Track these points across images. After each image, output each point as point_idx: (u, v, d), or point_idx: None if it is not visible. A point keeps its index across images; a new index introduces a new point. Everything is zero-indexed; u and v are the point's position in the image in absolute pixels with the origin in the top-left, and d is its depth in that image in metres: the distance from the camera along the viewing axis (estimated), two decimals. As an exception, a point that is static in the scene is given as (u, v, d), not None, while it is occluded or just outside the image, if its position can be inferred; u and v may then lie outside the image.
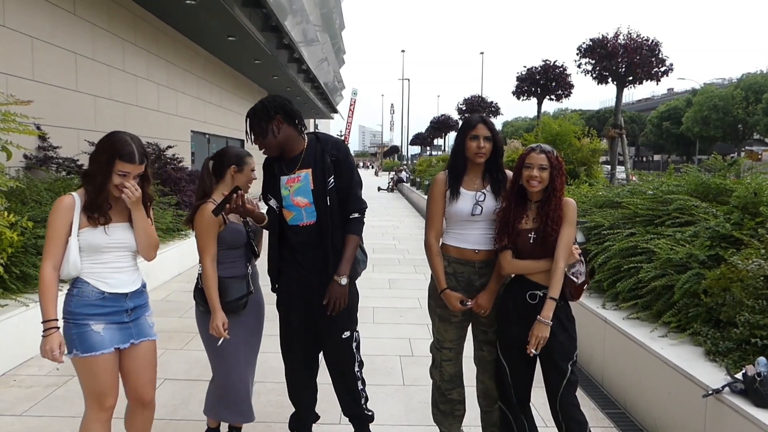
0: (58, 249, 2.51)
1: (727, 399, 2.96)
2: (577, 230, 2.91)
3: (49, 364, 4.68)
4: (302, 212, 2.98)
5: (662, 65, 12.64)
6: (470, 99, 27.91)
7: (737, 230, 4.32)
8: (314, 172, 2.95)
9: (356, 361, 3.14)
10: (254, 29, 13.70)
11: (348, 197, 3.00)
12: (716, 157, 6.28)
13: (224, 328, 2.94)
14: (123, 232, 2.64)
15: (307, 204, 2.96)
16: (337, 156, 2.98)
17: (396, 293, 7.51)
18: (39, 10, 7.97)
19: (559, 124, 10.95)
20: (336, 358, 3.15)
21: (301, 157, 2.99)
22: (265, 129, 2.89)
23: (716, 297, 3.81)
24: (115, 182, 2.52)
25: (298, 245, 3.01)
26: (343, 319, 3.04)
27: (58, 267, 2.53)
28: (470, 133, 2.97)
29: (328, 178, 2.94)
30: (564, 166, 2.92)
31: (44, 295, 2.50)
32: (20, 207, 5.78)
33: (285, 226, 3.04)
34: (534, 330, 2.76)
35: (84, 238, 2.54)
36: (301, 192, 2.97)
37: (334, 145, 3.03)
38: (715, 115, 48.16)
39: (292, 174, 2.98)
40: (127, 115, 10.80)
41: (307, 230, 2.98)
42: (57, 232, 2.51)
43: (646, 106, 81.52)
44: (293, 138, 2.97)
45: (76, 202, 2.57)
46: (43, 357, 2.51)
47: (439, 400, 3.28)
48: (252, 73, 20.20)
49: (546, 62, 17.52)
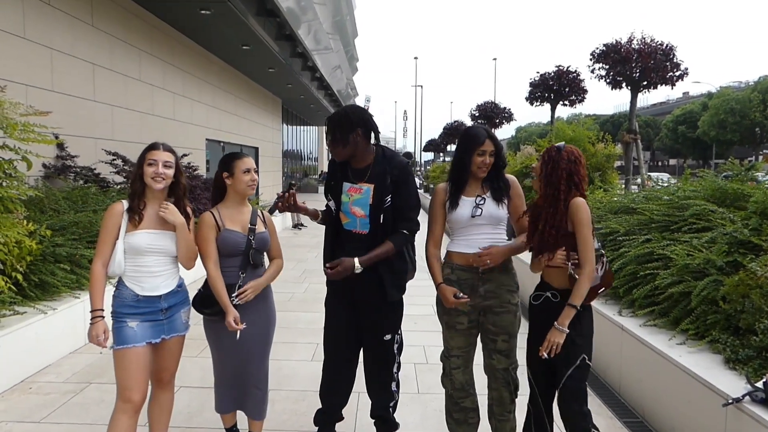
0: (107, 248, 2.84)
1: (748, 408, 2.91)
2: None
3: (68, 369, 4.75)
4: (357, 221, 3.13)
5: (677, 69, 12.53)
6: (483, 105, 27.80)
7: (756, 236, 4.27)
8: (376, 189, 3.08)
9: (396, 362, 3.31)
10: (268, 38, 13.81)
11: (400, 216, 3.12)
12: (733, 161, 6.22)
13: (236, 323, 3.00)
14: (163, 239, 2.91)
15: (363, 216, 3.11)
16: (398, 177, 3.10)
17: (410, 300, 7.42)
18: (58, 23, 8.10)
19: (573, 130, 10.87)
20: (375, 357, 3.29)
21: (368, 170, 3.12)
22: (344, 139, 3.02)
23: (735, 304, 3.76)
24: (147, 173, 2.84)
25: (349, 248, 3.13)
26: (384, 323, 3.21)
27: (106, 264, 2.84)
28: (478, 149, 3.00)
29: (386, 197, 3.07)
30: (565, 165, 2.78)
31: (93, 287, 2.82)
32: (39, 215, 5.86)
33: (340, 227, 3.20)
34: (549, 335, 2.77)
35: (128, 240, 2.84)
36: (360, 203, 3.11)
37: (397, 165, 3.13)
38: (732, 118, 47.63)
39: (356, 184, 3.12)
40: (143, 124, 10.92)
41: (358, 237, 3.13)
42: (107, 233, 2.84)
43: (661, 110, 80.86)
44: (365, 150, 3.11)
45: (125, 207, 2.88)
46: (90, 342, 2.82)
47: (452, 408, 3.28)
48: (266, 81, 20.35)
49: (559, 68, 17.45)
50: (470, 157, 3.02)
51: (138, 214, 2.86)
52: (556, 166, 2.78)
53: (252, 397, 3.27)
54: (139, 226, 2.85)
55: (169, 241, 2.93)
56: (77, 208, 6.54)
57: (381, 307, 3.20)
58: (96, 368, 4.82)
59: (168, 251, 2.94)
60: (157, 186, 2.87)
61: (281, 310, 3.34)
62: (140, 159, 2.91)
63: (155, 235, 2.89)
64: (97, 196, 7.22)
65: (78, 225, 5.94)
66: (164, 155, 2.88)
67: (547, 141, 11.26)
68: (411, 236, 3.20)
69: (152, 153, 2.87)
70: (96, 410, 4.04)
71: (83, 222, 5.99)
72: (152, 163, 2.85)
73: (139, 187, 2.89)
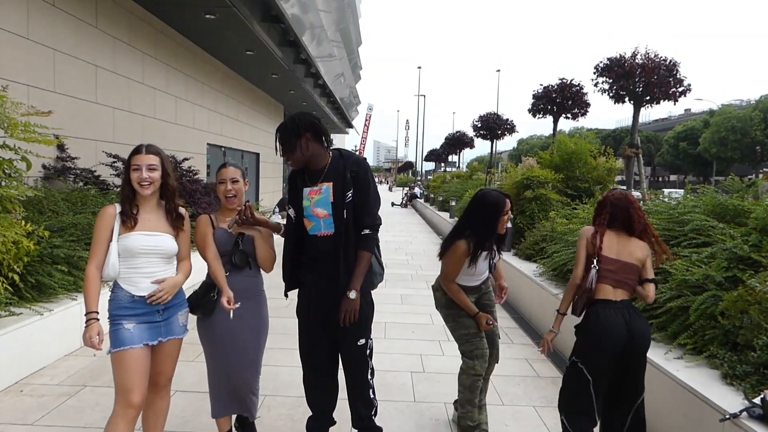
0: (100, 251, 2.84)
1: (745, 424, 2.90)
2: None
3: (62, 372, 4.73)
4: (321, 223, 3.11)
5: (680, 85, 12.59)
6: (486, 116, 27.84)
7: (755, 252, 4.27)
8: (335, 186, 3.10)
9: (369, 368, 3.29)
10: (272, 44, 13.85)
11: (362, 212, 3.11)
12: (734, 178, 6.22)
13: (230, 303, 3.07)
14: (157, 240, 2.90)
15: (326, 215, 3.10)
16: (357, 172, 3.12)
17: (408, 309, 7.47)
18: (62, 24, 8.13)
19: (574, 143, 10.88)
20: (351, 364, 3.27)
21: (324, 171, 3.13)
22: (294, 145, 3.06)
23: (733, 319, 3.75)
24: (133, 178, 2.84)
25: (316, 254, 3.15)
26: (359, 328, 3.17)
27: (100, 267, 2.84)
28: (504, 210, 3.53)
29: (347, 192, 3.08)
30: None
31: (87, 290, 2.81)
32: (37, 216, 5.85)
33: (305, 235, 3.18)
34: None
35: (121, 242, 2.84)
36: (321, 204, 3.11)
37: (355, 162, 3.17)
38: (733, 136, 47.80)
39: (315, 186, 3.13)
40: (144, 128, 10.94)
41: (324, 240, 3.12)
42: (100, 236, 2.84)
43: (662, 126, 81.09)
44: (319, 154, 3.13)
45: (117, 210, 2.88)
46: (85, 345, 2.77)
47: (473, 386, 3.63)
48: (269, 87, 20.41)
49: (562, 81, 17.52)
50: (498, 219, 3.53)
51: (131, 219, 2.86)
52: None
53: (248, 402, 3.34)
54: (133, 228, 2.86)
55: (164, 242, 2.92)
56: (76, 210, 6.53)
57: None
58: (91, 371, 4.79)
59: (162, 252, 2.92)
60: (144, 192, 2.87)
61: (278, 317, 3.33)
62: (126, 163, 2.91)
63: (149, 236, 2.88)
64: (97, 198, 7.21)
65: (76, 227, 5.92)
66: (147, 158, 2.86)
67: (549, 154, 11.28)
68: (376, 235, 3.17)
69: (135, 158, 2.85)
70: (90, 413, 4.02)
71: (82, 224, 5.97)
72: (136, 168, 2.84)
73: (129, 192, 2.88)
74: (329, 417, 3.44)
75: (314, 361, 3.33)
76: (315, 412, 3.43)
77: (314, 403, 3.42)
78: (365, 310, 3.18)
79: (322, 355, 3.31)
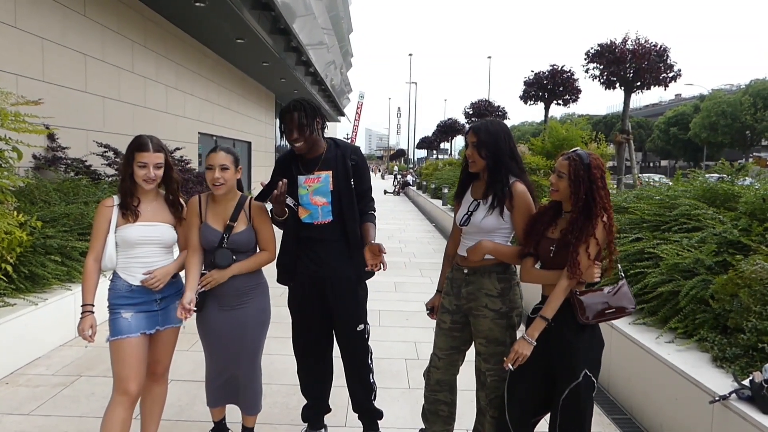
0: (98, 244, 2.86)
1: (734, 405, 2.95)
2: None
3: (57, 362, 4.73)
4: (319, 211, 3.12)
5: (670, 71, 12.65)
6: (477, 103, 27.89)
7: (745, 236, 4.31)
8: (335, 174, 3.12)
9: (369, 353, 3.36)
10: (263, 32, 13.76)
11: (364, 198, 3.22)
12: (724, 163, 6.26)
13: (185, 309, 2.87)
14: (155, 230, 2.91)
15: (325, 203, 3.12)
16: (357, 161, 3.19)
17: (402, 296, 7.51)
18: (50, 12, 8.04)
19: (566, 129, 10.91)
20: (352, 350, 3.31)
21: (320, 159, 3.13)
22: (311, 125, 3.03)
23: (723, 303, 3.80)
24: (138, 174, 2.83)
25: (310, 242, 3.16)
26: (358, 313, 3.23)
27: (98, 259, 2.86)
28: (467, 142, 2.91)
29: (349, 180, 3.13)
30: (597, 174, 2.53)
31: (84, 282, 2.84)
32: (29, 207, 5.83)
33: (298, 224, 3.17)
34: (515, 345, 2.60)
35: (119, 234, 2.86)
36: (320, 192, 3.12)
37: (353, 151, 3.22)
38: (723, 121, 47.95)
39: (312, 174, 3.12)
40: (135, 117, 10.86)
41: (321, 228, 3.14)
42: (98, 229, 2.86)
43: (653, 112, 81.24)
44: (319, 140, 3.14)
45: (115, 203, 2.89)
46: (79, 336, 2.82)
47: (426, 397, 3.17)
48: (260, 75, 20.29)
49: (554, 67, 17.54)
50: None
51: (133, 212, 2.87)
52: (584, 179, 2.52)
53: (246, 393, 3.26)
54: (135, 221, 2.87)
55: (162, 231, 2.94)
56: (68, 200, 6.50)
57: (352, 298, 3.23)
58: (86, 361, 4.80)
59: (160, 242, 2.93)
60: (148, 187, 2.89)
61: (273, 305, 3.33)
62: (128, 158, 2.86)
63: (147, 227, 2.89)
64: (89, 188, 7.17)
65: (69, 217, 5.90)
66: (155, 157, 2.85)
67: (540, 140, 11.30)
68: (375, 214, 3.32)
69: (142, 155, 2.82)
70: (86, 403, 4.03)
71: (74, 214, 5.95)
72: (143, 166, 2.83)
73: (130, 186, 2.88)
74: (325, 404, 3.47)
75: (309, 350, 3.36)
76: (310, 399, 3.47)
77: (309, 391, 3.45)
78: (361, 295, 3.25)
79: (319, 343, 3.34)
